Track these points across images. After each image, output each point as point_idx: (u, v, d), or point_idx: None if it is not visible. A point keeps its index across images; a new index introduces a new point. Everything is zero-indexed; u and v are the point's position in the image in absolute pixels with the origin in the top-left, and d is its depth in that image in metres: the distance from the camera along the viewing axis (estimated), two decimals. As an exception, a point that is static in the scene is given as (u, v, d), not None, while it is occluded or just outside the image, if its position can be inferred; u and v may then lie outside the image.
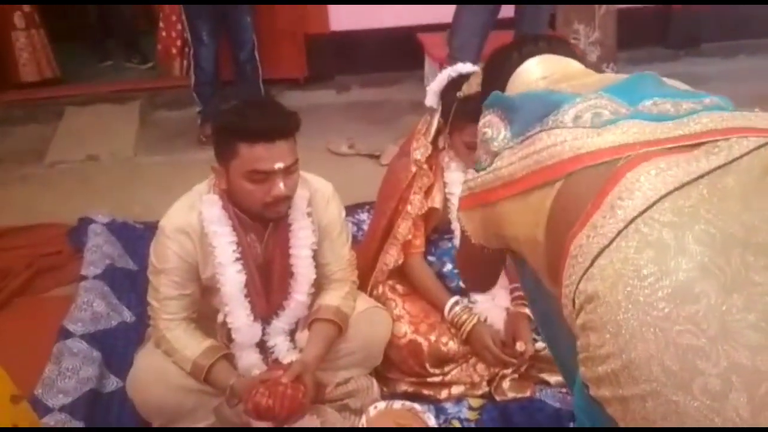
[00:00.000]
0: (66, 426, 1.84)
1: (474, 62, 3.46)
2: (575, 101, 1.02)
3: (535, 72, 1.22)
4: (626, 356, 0.79)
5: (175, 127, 4.02)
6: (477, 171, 1.15)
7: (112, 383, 2.06)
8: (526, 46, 1.26)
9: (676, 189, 0.83)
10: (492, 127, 1.12)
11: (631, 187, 0.86)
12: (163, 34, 4.36)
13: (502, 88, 1.23)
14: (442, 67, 3.83)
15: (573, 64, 1.24)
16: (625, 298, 0.80)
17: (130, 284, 2.49)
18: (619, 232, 0.84)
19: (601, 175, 0.90)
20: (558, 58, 1.24)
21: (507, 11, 3.53)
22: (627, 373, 0.80)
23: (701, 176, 0.84)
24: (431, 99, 2.02)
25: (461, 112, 1.87)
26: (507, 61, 1.26)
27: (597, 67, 4.52)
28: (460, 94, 1.86)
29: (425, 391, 2.00)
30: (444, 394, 2.00)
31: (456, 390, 2.01)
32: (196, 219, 1.71)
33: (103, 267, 2.52)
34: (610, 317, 0.81)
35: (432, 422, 1.75)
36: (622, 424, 0.84)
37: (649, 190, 0.84)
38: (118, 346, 2.19)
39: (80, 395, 1.95)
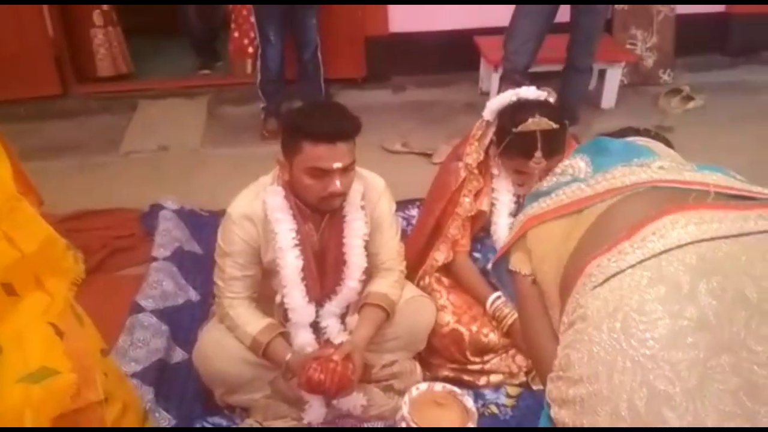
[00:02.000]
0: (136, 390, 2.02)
1: (528, 66, 3.57)
2: (660, 157, 1.06)
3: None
4: (598, 384, 0.78)
5: (239, 121, 4.21)
6: (534, 198, 1.15)
7: (179, 355, 2.23)
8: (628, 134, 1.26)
9: (713, 239, 0.83)
10: (574, 168, 1.13)
11: (669, 227, 0.86)
12: (236, 34, 4.57)
13: None
14: (496, 69, 3.94)
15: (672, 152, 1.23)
16: (620, 328, 0.79)
17: (196, 266, 2.67)
18: (641, 262, 0.83)
19: (639, 211, 0.91)
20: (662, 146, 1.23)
21: (563, 16, 3.60)
22: (593, 401, 0.78)
23: (740, 235, 0.84)
24: (489, 113, 2.09)
25: (514, 145, 1.96)
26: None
27: (653, 73, 4.53)
28: (515, 129, 1.93)
29: (465, 377, 2.11)
30: (483, 381, 2.11)
31: (495, 378, 2.12)
32: (260, 207, 1.87)
33: (172, 249, 2.71)
34: (596, 340, 0.79)
35: (470, 404, 1.87)
36: None
37: (685, 234, 0.84)
38: (183, 322, 2.37)
39: (150, 364, 2.11)
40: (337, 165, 1.75)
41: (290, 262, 1.87)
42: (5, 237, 0.74)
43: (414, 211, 3.01)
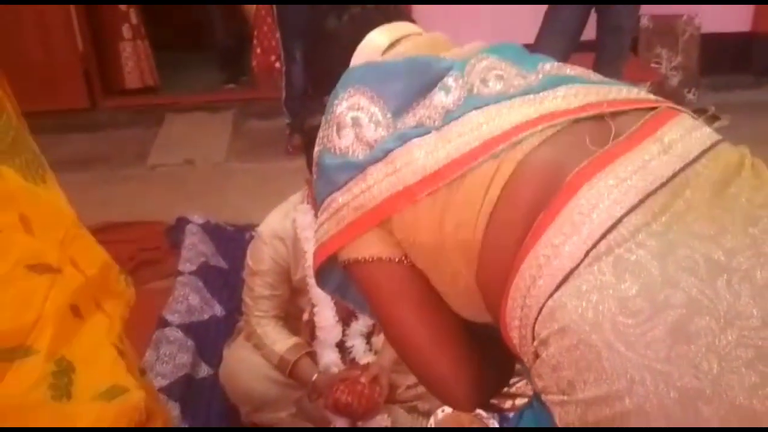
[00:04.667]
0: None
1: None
2: (464, 65, 0.90)
3: (381, 40, 1.02)
4: (621, 403, 0.71)
5: (265, 136, 4.25)
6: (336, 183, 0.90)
7: (204, 370, 2.24)
8: (346, 15, 1.05)
9: (641, 201, 0.75)
10: (361, 109, 0.90)
11: (591, 199, 0.76)
12: (258, 50, 4.62)
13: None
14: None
15: (417, 29, 1.06)
16: (616, 338, 0.71)
17: (221, 281, 2.69)
18: (588, 252, 0.74)
19: (544, 181, 0.80)
20: (404, 24, 1.05)
21: (589, 34, 3.59)
22: (624, 420, 0.72)
23: (662, 185, 0.76)
24: None
25: None
26: (336, 44, 1.06)
27: (678, 92, 4.52)
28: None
29: (491, 401, 2.10)
30: (508, 404, 2.10)
31: (519, 402, 2.10)
32: (290, 226, 1.88)
33: (198, 264, 2.73)
34: (596, 358, 0.71)
35: (495, 425, 1.86)
36: None
37: (613, 203, 0.75)
38: (209, 337, 2.37)
39: (176, 379, 2.12)
40: None
41: (319, 282, 1.88)
42: (71, 262, 0.77)
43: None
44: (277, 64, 4.46)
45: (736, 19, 4.69)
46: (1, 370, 0.71)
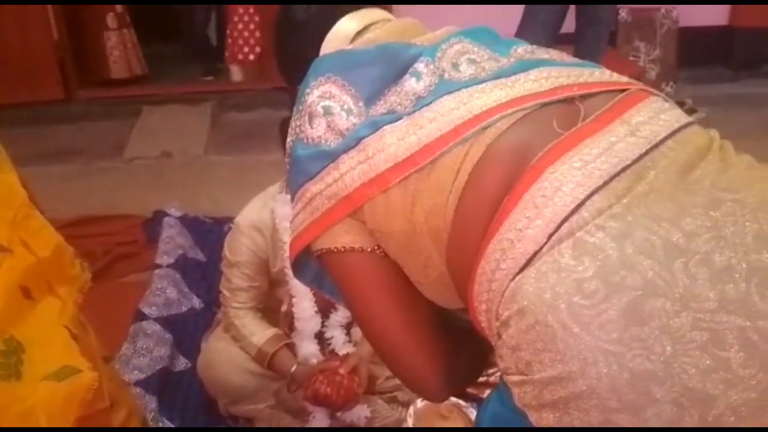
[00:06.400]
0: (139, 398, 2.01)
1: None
2: (436, 51, 0.89)
3: (350, 27, 1.00)
4: (574, 384, 0.71)
5: (243, 128, 4.22)
6: (303, 176, 0.90)
7: (182, 363, 2.22)
8: (314, 5, 1.04)
9: (605, 183, 0.75)
10: (333, 98, 0.89)
11: (555, 182, 0.76)
12: (229, 41, 4.58)
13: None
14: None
15: (387, 15, 1.04)
16: (571, 319, 0.71)
17: (199, 274, 2.67)
18: (551, 235, 0.74)
19: (511, 165, 0.80)
20: (373, 10, 1.04)
21: (568, 27, 3.60)
22: (576, 403, 0.72)
23: (627, 167, 0.76)
24: None
25: None
26: (305, 33, 1.05)
27: (656, 85, 4.55)
28: None
29: (469, 390, 2.11)
30: (487, 393, 2.11)
31: (499, 391, 2.12)
32: (268, 216, 1.87)
33: (176, 257, 2.70)
34: (551, 339, 0.72)
35: (475, 415, 1.87)
36: None
37: (577, 186, 0.75)
38: (187, 330, 2.36)
39: (153, 372, 2.10)
40: None
41: (298, 272, 1.87)
42: (22, 243, 0.75)
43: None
44: (251, 56, 4.44)
45: (713, 13, 4.73)
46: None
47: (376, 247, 0.89)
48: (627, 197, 0.74)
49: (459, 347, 0.96)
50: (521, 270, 0.74)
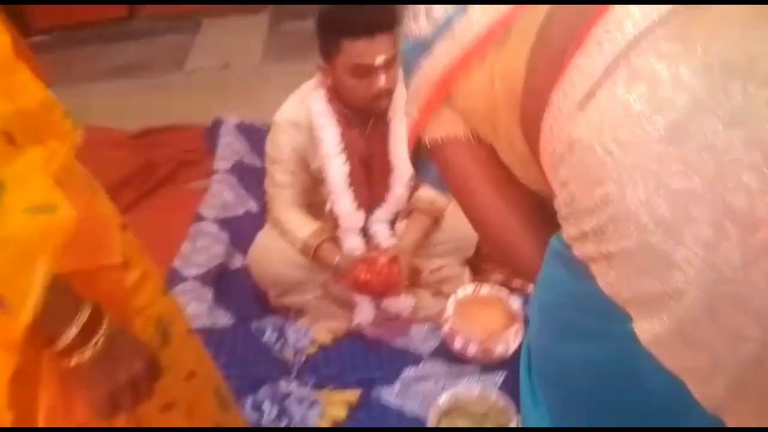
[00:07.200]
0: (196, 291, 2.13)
1: None
2: None
3: None
4: (613, 208, 0.70)
5: (300, 36, 4.20)
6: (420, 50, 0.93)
7: (238, 261, 2.33)
8: None
9: (668, 14, 0.72)
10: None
11: (620, 16, 0.74)
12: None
13: None
14: None
15: None
16: (612, 140, 0.70)
17: (255, 179, 2.73)
18: (607, 69, 0.73)
19: (576, 12, 0.78)
20: None
21: None
22: (614, 226, 0.71)
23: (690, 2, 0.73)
24: None
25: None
26: None
27: None
28: None
29: (514, 284, 2.12)
30: (531, 288, 2.11)
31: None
32: (305, 113, 1.89)
33: (233, 162, 2.80)
34: (594, 163, 0.71)
35: (516, 306, 1.89)
36: (602, 284, 0.75)
37: (641, 17, 0.73)
38: (243, 231, 2.43)
39: (210, 268, 2.22)
40: (380, 59, 1.72)
41: (337, 169, 1.90)
42: (4, 92, 0.76)
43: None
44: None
45: None
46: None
47: (470, 134, 0.92)
48: (687, 22, 0.71)
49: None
50: (579, 108, 0.73)
